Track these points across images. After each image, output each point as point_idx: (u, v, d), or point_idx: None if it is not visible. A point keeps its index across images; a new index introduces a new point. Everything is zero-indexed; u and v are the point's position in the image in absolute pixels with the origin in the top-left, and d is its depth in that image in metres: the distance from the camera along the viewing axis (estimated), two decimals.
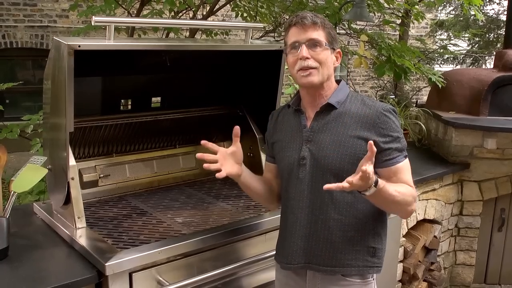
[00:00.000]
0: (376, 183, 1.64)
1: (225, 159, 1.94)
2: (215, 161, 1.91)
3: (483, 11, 7.56)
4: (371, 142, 1.61)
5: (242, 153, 1.99)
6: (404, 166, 1.83)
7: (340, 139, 1.81)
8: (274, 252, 2.00)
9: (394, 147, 1.79)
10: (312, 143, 1.85)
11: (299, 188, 1.89)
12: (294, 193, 1.91)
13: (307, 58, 1.79)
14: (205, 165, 1.89)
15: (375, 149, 1.60)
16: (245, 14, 4.87)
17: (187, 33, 5.14)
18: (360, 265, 1.85)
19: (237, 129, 2.00)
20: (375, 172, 1.70)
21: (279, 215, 2.29)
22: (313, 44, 1.80)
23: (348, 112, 1.83)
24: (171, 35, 4.60)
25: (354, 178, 1.60)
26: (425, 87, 8.48)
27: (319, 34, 1.81)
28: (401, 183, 1.80)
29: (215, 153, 1.94)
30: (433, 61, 8.87)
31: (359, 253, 1.85)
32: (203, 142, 1.97)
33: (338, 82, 1.94)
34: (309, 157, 1.85)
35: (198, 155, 1.89)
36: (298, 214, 1.90)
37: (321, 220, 1.83)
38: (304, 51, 1.79)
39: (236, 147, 1.97)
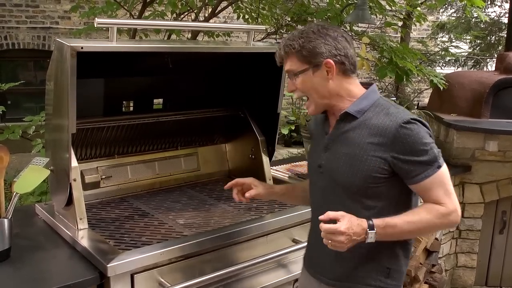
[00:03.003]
0: (371, 227, 1.59)
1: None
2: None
3: (484, 13, 7.55)
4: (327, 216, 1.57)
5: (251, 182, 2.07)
6: (434, 180, 1.65)
7: (354, 152, 1.70)
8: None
9: (419, 161, 1.64)
10: (329, 151, 1.79)
11: (317, 196, 1.87)
12: (313, 200, 1.90)
13: (292, 90, 1.77)
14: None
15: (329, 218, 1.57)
16: (246, 16, 4.87)
17: (189, 35, 5.14)
18: (372, 284, 1.77)
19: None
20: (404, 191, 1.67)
21: (281, 217, 2.30)
22: (290, 75, 1.75)
23: (367, 123, 1.70)
24: (173, 37, 4.61)
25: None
26: (426, 89, 8.49)
27: (291, 63, 1.73)
28: (431, 201, 1.66)
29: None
30: (434, 63, 8.87)
31: (371, 272, 1.77)
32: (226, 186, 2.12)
33: (367, 85, 1.80)
34: (324, 166, 1.80)
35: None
36: (314, 223, 1.88)
37: None
38: (287, 85, 1.78)
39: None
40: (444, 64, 9.47)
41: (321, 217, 1.60)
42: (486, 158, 3.78)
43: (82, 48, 1.88)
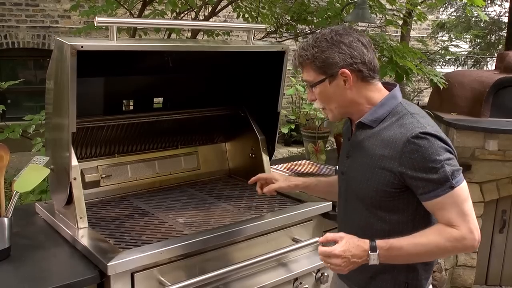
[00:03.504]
0: (374, 248, 1.54)
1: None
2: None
3: (484, 12, 7.56)
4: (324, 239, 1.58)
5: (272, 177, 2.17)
6: (446, 200, 1.54)
7: (368, 163, 1.65)
8: None
9: (427, 179, 1.53)
10: (351, 158, 1.76)
11: (341, 201, 1.86)
12: (338, 204, 1.90)
13: (313, 100, 1.74)
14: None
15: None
16: (246, 15, 4.87)
17: (189, 34, 5.14)
18: None
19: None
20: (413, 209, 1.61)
21: (281, 216, 2.30)
22: (308, 85, 1.72)
23: (381, 134, 1.63)
24: (173, 36, 4.61)
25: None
26: (426, 88, 8.49)
27: (308, 74, 1.69)
28: (443, 222, 1.56)
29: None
30: (434, 63, 8.87)
31: (388, 283, 1.72)
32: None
33: (391, 87, 1.73)
34: (346, 173, 1.78)
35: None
36: (340, 226, 1.88)
37: None
38: (308, 95, 1.76)
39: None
40: (444, 63, 9.47)
41: (319, 240, 1.61)
42: (486, 157, 3.79)
43: (82, 47, 1.88)
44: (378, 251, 1.54)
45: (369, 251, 1.54)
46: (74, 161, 2.05)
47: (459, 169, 1.58)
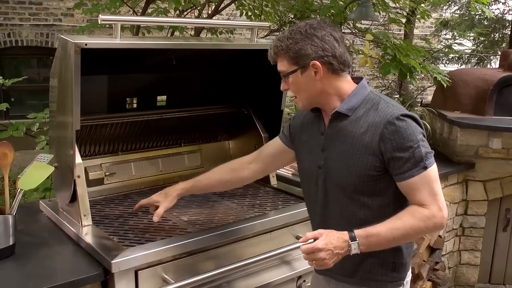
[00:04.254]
0: (353, 238, 1.59)
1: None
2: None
3: (489, 10, 7.53)
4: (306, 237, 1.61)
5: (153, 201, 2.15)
6: (419, 180, 1.63)
7: (349, 151, 1.70)
8: None
9: (403, 158, 1.62)
10: (327, 151, 1.79)
11: (319, 195, 1.86)
12: (315, 199, 1.89)
13: (286, 89, 1.80)
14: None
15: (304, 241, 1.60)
16: (249, 13, 4.87)
17: (192, 32, 5.14)
18: (378, 279, 1.79)
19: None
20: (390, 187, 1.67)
21: (284, 214, 2.30)
22: (282, 75, 1.78)
23: (358, 120, 1.71)
24: (176, 34, 4.61)
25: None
26: (429, 86, 8.46)
27: (282, 64, 1.76)
28: (415, 202, 1.65)
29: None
30: (438, 61, 8.85)
31: (376, 266, 1.78)
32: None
33: (358, 80, 1.80)
34: (324, 166, 1.80)
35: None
36: (316, 221, 1.90)
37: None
38: (282, 84, 1.80)
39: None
40: (447, 62, 9.44)
41: (300, 240, 1.65)
42: (490, 156, 3.78)
43: (86, 44, 1.88)
44: (357, 239, 1.60)
45: (349, 241, 1.60)
46: (78, 159, 2.06)
47: (431, 151, 1.68)
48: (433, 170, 1.66)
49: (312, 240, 1.62)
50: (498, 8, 9.79)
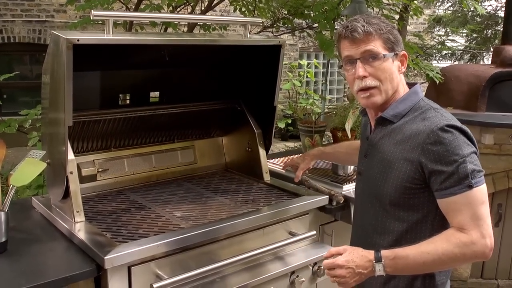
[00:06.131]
0: (379, 258, 1.48)
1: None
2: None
3: (481, 6, 7.56)
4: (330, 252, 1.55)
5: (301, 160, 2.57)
6: (462, 200, 1.47)
7: (388, 159, 1.60)
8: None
9: (446, 173, 1.48)
10: (368, 158, 1.72)
11: (356, 202, 1.83)
12: (355, 208, 1.87)
13: (365, 76, 1.60)
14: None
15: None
16: (243, 9, 4.86)
17: (185, 29, 5.13)
18: None
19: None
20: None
21: (278, 210, 2.31)
22: (369, 57, 1.59)
23: (403, 128, 1.60)
24: (169, 30, 4.60)
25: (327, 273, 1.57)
26: (422, 83, 8.49)
27: (375, 44, 1.58)
28: (455, 225, 1.50)
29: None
30: (431, 57, 8.88)
31: None
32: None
33: (411, 86, 1.69)
34: (364, 173, 1.74)
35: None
36: (354, 231, 1.85)
37: (365, 243, 1.67)
38: (360, 70, 1.59)
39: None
40: (440, 58, 9.48)
41: (324, 255, 1.57)
42: (482, 151, 3.79)
43: (78, 40, 1.87)
44: (383, 260, 1.49)
45: (374, 261, 1.50)
46: (70, 155, 2.05)
47: (481, 170, 1.52)
48: (480, 191, 1.49)
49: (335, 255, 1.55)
50: (490, 5, 9.83)
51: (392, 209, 1.63)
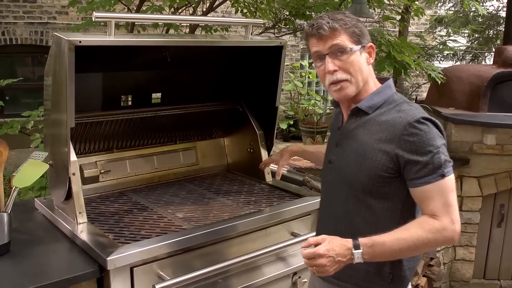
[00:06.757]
0: (357, 246, 1.53)
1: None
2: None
3: (482, 7, 7.56)
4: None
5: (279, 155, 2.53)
6: (434, 188, 1.55)
7: (362, 148, 1.65)
8: None
9: (421, 163, 1.55)
10: (340, 147, 1.75)
11: (324, 191, 1.86)
12: (323, 196, 1.89)
13: (335, 70, 1.65)
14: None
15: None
16: (245, 10, 4.87)
17: (187, 30, 5.14)
18: None
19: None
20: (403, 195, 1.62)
21: (280, 210, 2.31)
22: (337, 51, 1.65)
23: (378, 119, 1.66)
24: (171, 31, 4.60)
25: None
26: (424, 83, 8.50)
27: (341, 39, 1.64)
28: (427, 212, 1.57)
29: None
30: (432, 58, 8.87)
31: (372, 275, 1.71)
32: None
33: (384, 81, 1.76)
34: (334, 162, 1.77)
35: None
36: (322, 218, 1.89)
37: (336, 231, 1.68)
38: (329, 65, 1.65)
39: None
40: (442, 58, 9.47)
41: (302, 245, 1.60)
42: (484, 152, 3.79)
43: (80, 42, 1.88)
44: (361, 248, 1.54)
45: (353, 249, 1.54)
46: (73, 157, 2.06)
47: (451, 161, 1.61)
48: (451, 180, 1.58)
49: (314, 245, 1.57)
50: (492, 5, 9.83)
51: (364, 197, 1.68)
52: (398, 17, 6.02)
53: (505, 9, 5.21)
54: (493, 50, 6.46)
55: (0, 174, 1.93)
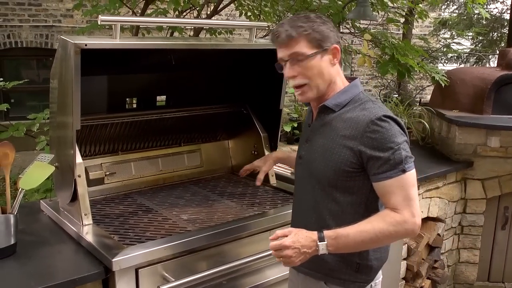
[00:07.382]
0: (322, 238, 1.59)
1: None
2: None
3: (486, 10, 7.56)
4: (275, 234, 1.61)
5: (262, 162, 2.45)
6: (395, 183, 1.61)
7: (328, 144, 1.71)
8: None
9: (383, 159, 1.61)
10: (309, 143, 1.82)
11: (296, 185, 1.92)
12: (295, 190, 1.94)
13: (294, 76, 1.72)
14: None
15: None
16: (249, 13, 4.89)
17: (191, 33, 5.16)
18: (342, 277, 1.78)
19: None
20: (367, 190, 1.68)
21: (283, 212, 2.31)
22: (296, 58, 1.69)
23: (343, 117, 1.71)
24: (175, 34, 4.63)
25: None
26: (428, 86, 8.49)
27: (299, 46, 1.68)
28: (389, 206, 1.63)
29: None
30: (436, 60, 8.87)
31: (340, 265, 1.77)
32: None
33: (351, 80, 1.81)
34: (304, 157, 1.84)
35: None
36: (294, 212, 1.94)
37: (305, 223, 1.76)
38: (287, 71, 1.72)
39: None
40: (446, 61, 9.46)
41: (270, 237, 1.64)
42: (488, 154, 3.79)
43: (86, 45, 1.89)
44: (326, 240, 1.59)
45: (318, 241, 1.60)
46: (78, 159, 2.07)
47: (412, 156, 1.66)
48: (412, 175, 1.64)
49: (281, 237, 1.63)
50: (496, 8, 9.82)
51: (330, 190, 1.73)
52: (402, 20, 6.02)
53: (509, 11, 5.21)
54: (497, 52, 6.44)
55: (6, 176, 1.95)
